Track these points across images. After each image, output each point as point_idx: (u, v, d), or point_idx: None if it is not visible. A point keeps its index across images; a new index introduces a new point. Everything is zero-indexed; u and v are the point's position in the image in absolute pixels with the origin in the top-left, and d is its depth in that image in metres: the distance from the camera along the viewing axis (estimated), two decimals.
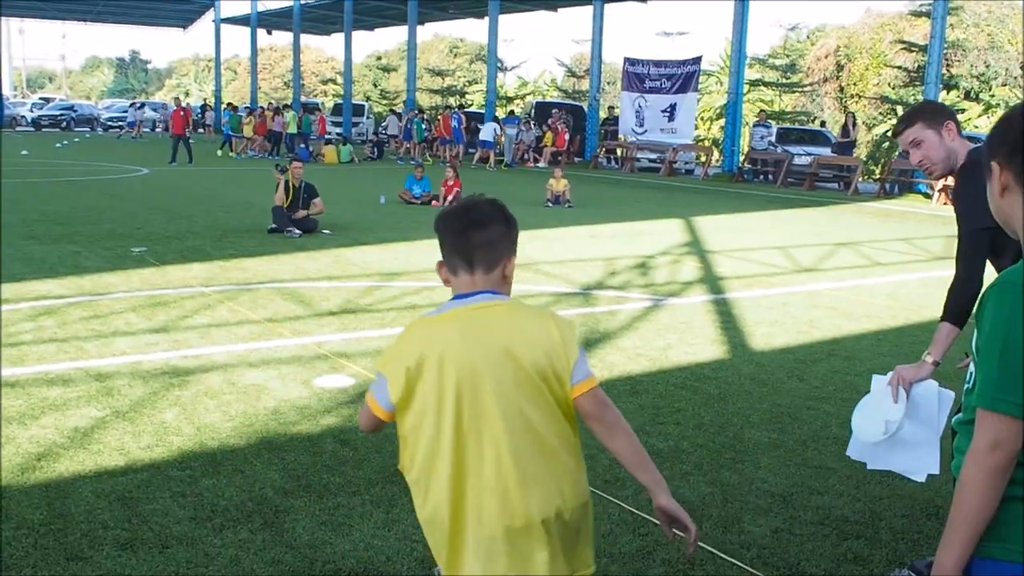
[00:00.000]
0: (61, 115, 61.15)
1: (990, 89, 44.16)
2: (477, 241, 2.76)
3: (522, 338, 2.69)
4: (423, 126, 40.22)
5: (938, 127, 4.33)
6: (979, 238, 4.29)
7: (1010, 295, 2.19)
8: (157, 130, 57.05)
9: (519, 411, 2.66)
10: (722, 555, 4.51)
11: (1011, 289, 2.20)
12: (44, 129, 57.19)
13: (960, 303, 4.25)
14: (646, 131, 37.09)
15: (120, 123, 59.34)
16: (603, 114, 42.05)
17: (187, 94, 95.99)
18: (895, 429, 3.95)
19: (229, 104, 46.40)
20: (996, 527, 2.26)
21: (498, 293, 2.78)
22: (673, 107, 36.13)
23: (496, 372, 2.65)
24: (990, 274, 3.20)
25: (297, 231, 15.03)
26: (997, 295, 2.22)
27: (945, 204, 26.09)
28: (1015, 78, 45.05)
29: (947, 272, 13.20)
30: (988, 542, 2.27)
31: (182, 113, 33.13)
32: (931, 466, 3.97)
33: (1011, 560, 2.26)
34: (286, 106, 46.84)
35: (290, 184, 15.32)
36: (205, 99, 69.93)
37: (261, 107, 46.27)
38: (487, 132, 36.59)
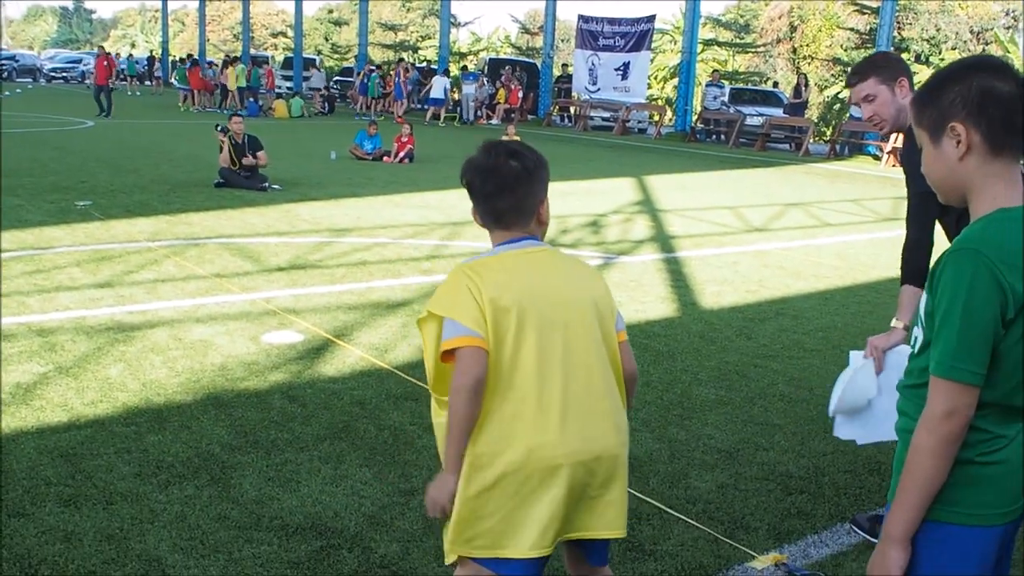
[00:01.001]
0: (2, 65, 59.88)
1: (940, 53, 44.49)
2: (521, 194, 2.82)
3: (580, 283, 2.83)
4: (377, 81, 39.89)
5: (891, 83, 4.32)
6: (929, 198, 3.88)
7: (968, 262, 2.15)
8: (87, 81, 55.56)
9: (588, 348, 2.76)
10: (668, 510, 4.55)
11: (969, 256, 2.16)
12: None
13: (916, 264, 4.31)
14: (599, 89, 37.00)
15: (64, 74, 58.32)
16: (557, 72, 41.90)
17: (133, 45, 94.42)
18: (872, 402, 4.01)
19: (188, 56, 45.62)
20: (945, 490, 2.25)
21: (537, 239, 2.88)
22: (626, 65, 36.04)
23: (564, 312, 2.74)
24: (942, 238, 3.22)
25: (277, 186, 15.10)
26: (955, 262, 2.18)
27: (894, 166, 26.34)
28: (964, 42, 45.43)
29: (894, 233, 13.27)
30: (938, 505, 2.27)
31: (106, 63, 31.48)
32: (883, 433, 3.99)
33: (959, 523, 2.27)
34: (235, 59, 46.11)
35: (235, 141, 15.13)
36: (152, 51, 68.84)
37: (195, 60, 45.36)
38: (437, 89, 36.33)
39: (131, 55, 60.55)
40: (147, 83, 52.17)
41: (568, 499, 2.73)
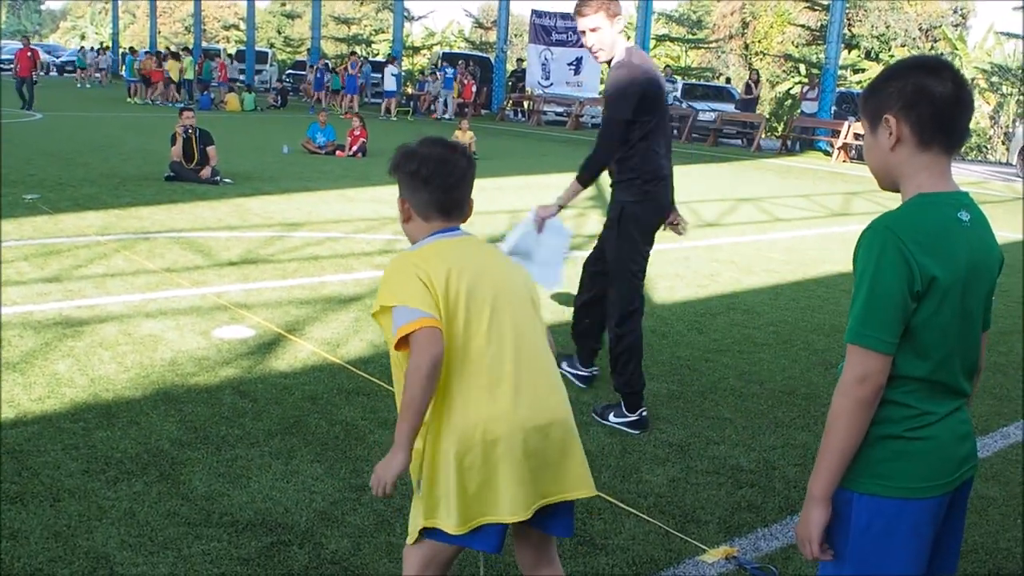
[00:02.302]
0: None
1: (890, 49, 45.03)
2: (463, 194, 3.01)
3: (512, 269, 3.04)
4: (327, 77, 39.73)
5: (612, 18, 5.24)
6: (620, 126, 5.28)
7: (879, 237, 2.30)
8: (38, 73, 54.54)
9: (531, 326, 2.95)
10: (619, 504, 4.57)
11: (881, 232, 2.31)
12: None
13: (592, 172, 5.41)
14: (552, 84, 37.07)
15: (9, 67, 57.49)
16: (511, 66, 41.88)
17: (83, 37, 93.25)
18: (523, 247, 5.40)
19: (131, 48, 45.13)
20: (874, 465, 2.39)
21: (463, 230, 3.04)
22: (579, 60, 36.13)
23: (508, 293, 2.91)
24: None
25: (228, 180, 15.09)
26: (869, 237, 2.33)
27: (844, 162, 26.63)
28: (913, 39, 45.98)
29: (844, 228, 13.40)
30: (867, 479, 2.40)
31: (29, 54, 30.50)
32: (557, 280, 5.70)
33: (890, 496, 2.39)
34: (185, 49, 45.62)
35: (189, 136, 15.00)
36: (102, 42, 68.02)
37: (148, 52, 44.87)
38: (390, 81, 36.21)
39: (81, 47, 59.80)
40: (95, 75, 51.41)
41: (530, 465, 2.82)
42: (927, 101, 2.34)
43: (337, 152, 20.40)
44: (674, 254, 11.05)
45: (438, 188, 2.94)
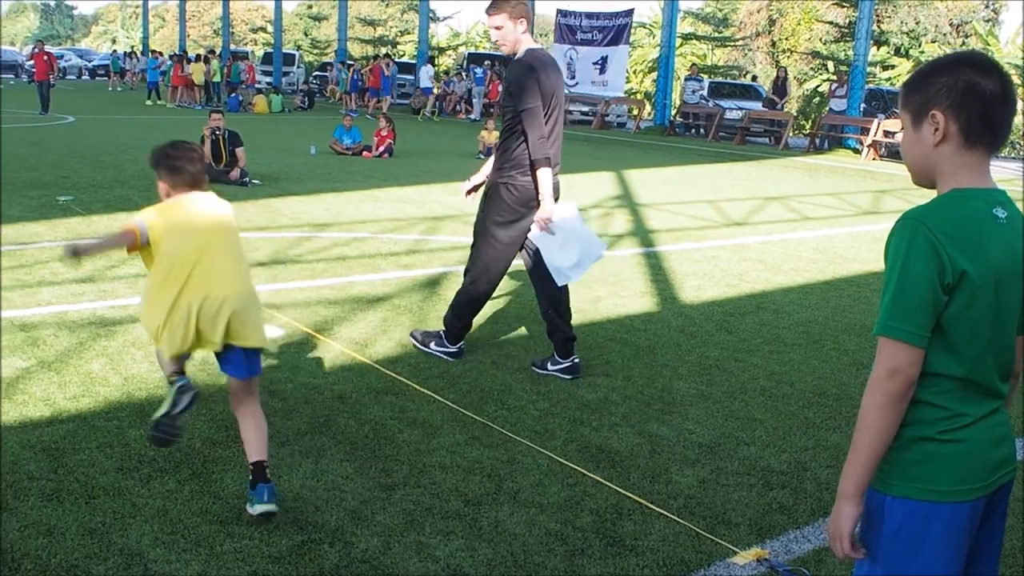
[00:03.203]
0: None
1: (920, 45, 44.70)
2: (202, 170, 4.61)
3: (225, 210, 4.54)
4: (347, 75, 39.91)
5: (515, 20, 6.00)
6: (538, 111, 5.96)
7: (909, 228, 2.28)
8: (22, 77, 54.10)
9: (234, 240, 4.51)
10: (649, 505, 4.57)
11: (911, 224, 2.28)
12: None
13: (547, 152, 5.97)
14: (577, 83, 37.03)
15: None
16: None
17: (114, 41, 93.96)
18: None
19: (154, 51, 45.42)
20: (907, 467, 2.37)
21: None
22: (604, 59, 36.07)
23: (218, 223, 4.44)
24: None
25: (257, 181, 15.17)
26: (900, 229, 2.31)
27: (874, 159, 26.49)
28: (944, 35, 45.64)
29: (874, 227, 13.32)
30: (900, 481, 2.38)
31: (45, 58, 30.04)
32: (601, 244, 6.28)
33: (922, 499, 2.37)
34: (211, 52, 45.88)
35: (217, 137, 15.10)
36: (132, 46, 68.49)
37: (176, 54, 45.09)
38: (426, 80, 36.31)
39: (114, 51, 60.23)
40: (127, 79, 51.82)
41: (232, 320, 4.24)
42: (977, 99, 2.30)
43: (364, 153, 20.47)
44: (702, 253, 11.03)
45: (187, 172, 4.51)
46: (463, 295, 6.56)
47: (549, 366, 6.44)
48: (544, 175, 5.98)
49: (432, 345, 6.67)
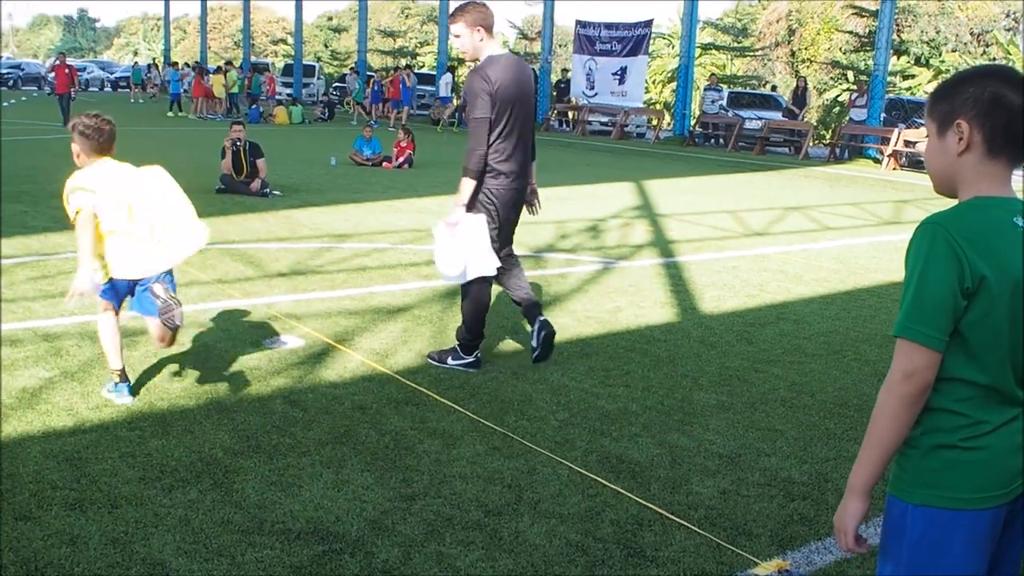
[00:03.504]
0: (8, 74, 59.91)
1: (940, 55, 44.53)
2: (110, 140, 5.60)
3: (143, 174, 5.62)
4: (361, 85, 40.09)
5: (472, 28, 6.22)
6: (484, 123, 6.17)
7: (930, 233, 2.31)
8: (44, 89, 54.32)
9: (159, 196, 5.56)
10: (670, 516, 4.56)
11: (931, 228, 2.31)
12: None
13: (477, 165, 6.22)
14: (597, 94, 37.04)
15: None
16: (556, 76, 41.91)
17: (136, 53, 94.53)
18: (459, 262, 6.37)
19: (186, 64, 45.70)
20: (928, 474, 2.39)
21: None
22: (623, 70, 36.05)
23: (146, 182, 5.56)
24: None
25: (277, 192, 15.22)
26: (920, 233, 2.33)
27: (894, 169, 26.41)
28: (964, 44, 45.48)
29: (895, 237, 13.27)
30: (921, 489, 2.40)
31: (66, 71, 29.62)
32: (495, 263, 6.42)
33: (943, 506, 2.38)
34: (228, 63, 46.12)
35: (238, 149, 15.18)
36: (154, 58, 68.91)
37: (196, 65, 45.34)
38: (444, 89, 36.41)
39: (135, 63, 60.62)
40: (148, 90, 52.16)
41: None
42: (1003, 110, 2.33)
43: (384, 164, 20.52)
44: (722, 264, 11.01)
45: (102, 142, 5.53)
46: (466, 306, 6.66)
47: (450, 361, 6.69)
48: (466, 184, 6.25)
49: (450, 360, 6.72)
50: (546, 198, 7.62)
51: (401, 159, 20.48)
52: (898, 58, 43.42)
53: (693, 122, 34.79)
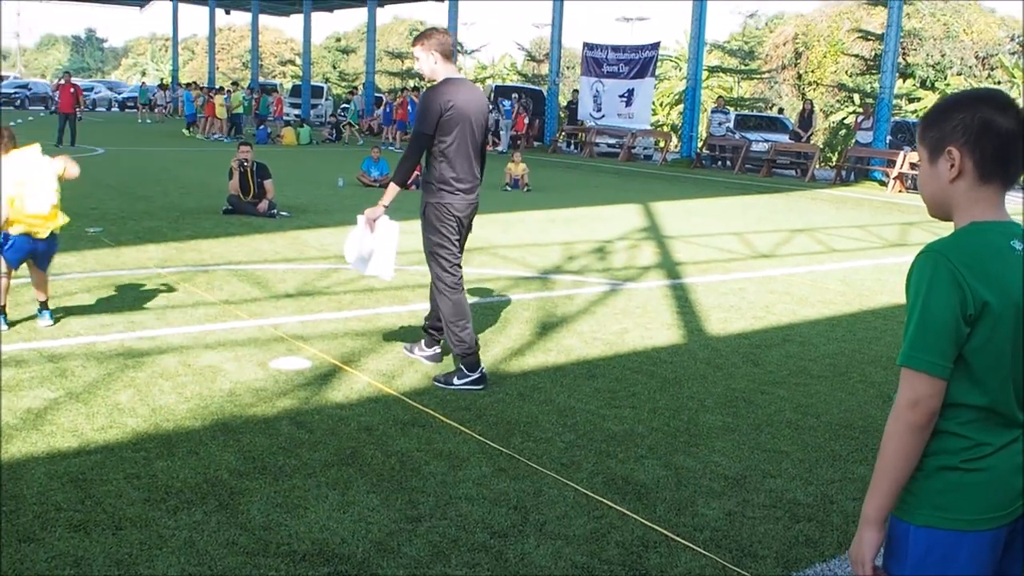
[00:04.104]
0: (15, 94, 60.19)
1: (945, 78, 44.64)
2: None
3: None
4: (356, 107, 40.40)
5: (428, 52, 6.68)
6: (421, 138, 6.71)
7: (931, 261, 2.32)
8: (51, 109, 54.54)
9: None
10: (675, 537, 4.55)
11: (932, 256, 2.33)
12: None
13: (402, 174, 7.00)
14: (604, 116, 37.13)
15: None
16: (564, 99, 42.01)
17: (144, 73, 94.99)
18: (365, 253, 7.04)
19: (191, 84, 45.91)
20: (931, 496, 2.40)
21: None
22: (630, 92, 36.16)
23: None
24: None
25: (285, 212, 15.27)
26: (921, 262, 2.35)
27: (900, 192, 26.40)
28: (969, 67, 45.56)
29: (900, 259, 13.26)
30: (924, 511, 2.41)
31: (72, 90, 29.04)
32: (391, 272, 7.21)
33: (946, 528, 2.39)
34: (234, 84, 46.33)
35: (245, 169, 15.22)
36: (162, 79, 69.26)
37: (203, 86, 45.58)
38: None
39: (143, 83, 60.92)
40: (155, 111, 52.37)
41: None
42: (993, 136, 2.34)
43: None
44: (728, 286, 11.01)
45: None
46: (447, 320, 6.87)
47: (456, 381, 6.78)
48: (392, 189, 6.91)
49: (456, 380, 6.75)
50: (553, 220, 7.67)
51: (408, 181, 20.49)
52: (904, 81, 43.53)
53: (700, 144, 34.86)
